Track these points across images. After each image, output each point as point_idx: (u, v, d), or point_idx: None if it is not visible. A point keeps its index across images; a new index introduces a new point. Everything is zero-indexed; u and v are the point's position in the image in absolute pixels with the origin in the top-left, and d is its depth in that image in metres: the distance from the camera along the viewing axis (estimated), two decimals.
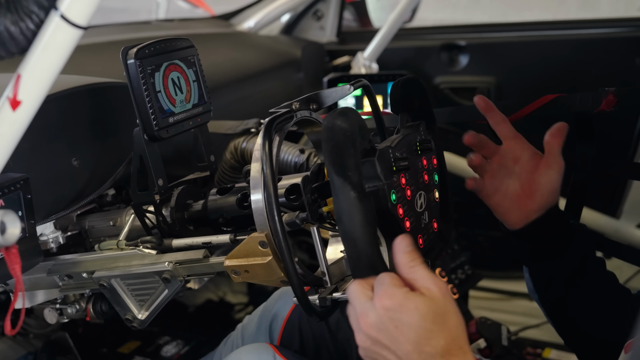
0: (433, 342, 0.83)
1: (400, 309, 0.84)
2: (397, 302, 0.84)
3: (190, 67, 1.27)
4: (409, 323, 0.83)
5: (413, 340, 0.83)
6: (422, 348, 0.83)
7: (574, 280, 1.28)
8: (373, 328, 0.86)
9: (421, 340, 0.83)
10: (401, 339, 0.84)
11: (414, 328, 0.83)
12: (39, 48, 0.78)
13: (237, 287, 2.67)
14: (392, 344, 0.84)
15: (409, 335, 0.83)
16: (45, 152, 1.22)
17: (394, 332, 0.84)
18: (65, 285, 1.27)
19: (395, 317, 0.84)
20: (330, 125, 0.93)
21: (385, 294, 0.85)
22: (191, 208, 1.26)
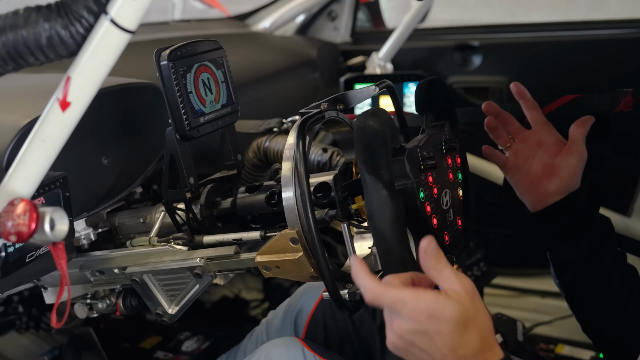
0: (466, 345, 0.86)
1: (436, 318, 0.86)
2: (434, 311, 0.86)
3: (219, 68, 1.30)
4: (443, 331, 0.86)
5: (448, 345, 0.86)
6: (457, 351, 0.86)
7: (590, 266, 1.32)
8: (408, 333, 0.88)
9: (455, 345, 0.86)
10: (436, 344, 0.86)
11: (448, 335, 0.86)
12: (89, 51, 0.81)
13: (251, 284, 2.70)
14: (428, 347, 0.87)
15: (443, 340, 0.86)
16: (78, 151, 1.25)
17: (429, 342, 0.87)
18: (97, 280, 1.30)
19: (431, 327, 0.86)
20: (362, 125, 0.97)
21: (419, 303, 0.87)
22: (220, 205, 1.29)
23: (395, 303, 0.88)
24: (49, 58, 0.85)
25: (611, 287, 1.32)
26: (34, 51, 0.83)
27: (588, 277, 1.32)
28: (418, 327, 0.87)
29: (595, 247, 1.32)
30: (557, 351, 2.21)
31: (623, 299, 1.31)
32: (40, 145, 0.87)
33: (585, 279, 1.33)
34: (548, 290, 2.50)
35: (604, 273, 1.32)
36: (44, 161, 0.88)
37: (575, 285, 1.35)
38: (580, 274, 1.34)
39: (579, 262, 1.33)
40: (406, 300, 0.87)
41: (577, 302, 1.37)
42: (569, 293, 1.37)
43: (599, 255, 1.32)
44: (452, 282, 0.88)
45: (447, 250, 1.15)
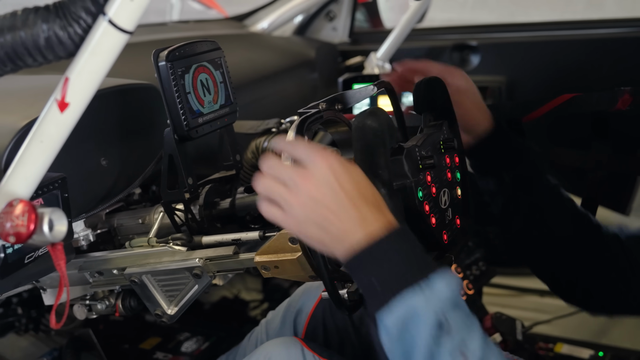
0: (368, 192, 0.93)
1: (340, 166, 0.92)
2: (337, 159, 0.92)
3: (217, 69, 1.30)
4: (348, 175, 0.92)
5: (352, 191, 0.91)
6: (359, 197, 0.91)
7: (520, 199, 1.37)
8: (311, 183, 0.92)
9: (358, 189, 0.92)
10: (341, 190, 0.91)
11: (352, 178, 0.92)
12: (87, 52, 0.82)
13: (251, 285, 2.70)
14: (332, 197, 0.91)
15: (348, 185, 0.91)
16: (76, 152, 1.25)
17: (334, 184, 0.91)
18: (96, 281, 1.30)
19: (335, 171, 0.91)
20: (361, 125, 0.97)
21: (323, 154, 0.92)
22: (219, 206, 1.29)
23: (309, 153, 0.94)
24: (47, 59, 0.85)
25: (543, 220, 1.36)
26: (32, 52, 0.83)
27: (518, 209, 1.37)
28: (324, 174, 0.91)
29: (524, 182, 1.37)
30: (557, 350, 2.21)
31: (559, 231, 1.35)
32: (38, 146, 0.87)
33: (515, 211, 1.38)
34: (547, 289, 2.49)
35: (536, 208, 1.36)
36: (43, 162, 0.89)
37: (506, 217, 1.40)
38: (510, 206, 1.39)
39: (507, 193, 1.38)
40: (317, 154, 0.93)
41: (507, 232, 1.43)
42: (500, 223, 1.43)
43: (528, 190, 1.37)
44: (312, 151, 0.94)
45: (446, 250, 1.15)
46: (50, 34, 0.82)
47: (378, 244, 0.90)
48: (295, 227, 0.95)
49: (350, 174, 0.92)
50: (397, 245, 0.91)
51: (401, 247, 0.92)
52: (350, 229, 0.91)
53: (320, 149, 0.93)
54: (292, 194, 0.93)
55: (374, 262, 0.90)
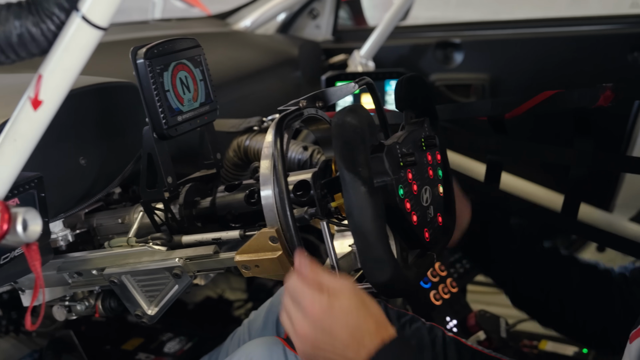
0: (362, 330, 0.95)
1: (330, 315, 0.95)
2: (324, 309, 0.95)
3: (197, 67, 1.29)
4: (340, 323, 0.95)
5: (349, 335, 0.95)
6: (355, 338, 0.95)
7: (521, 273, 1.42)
8: (311, 335, 0.97)
9: (354, 332, 0.95)
10: (338, 337, 0.95)
11: (345, 325, 0.95)
12: (60, 49, 0.80)
13: (235, 285, 2.69)
14: (331, 344, 0.96)
15: (343, 332, 0.95)
16: (54, 151, 1.23)
17: (329, 336, 0.95)
18: (75, 282, 1.29)
19: (327, 323, 0.95)
20: (340, 122, 0.96)
21: (314, 303, 0.96)
22: (199, 205, 1.28)
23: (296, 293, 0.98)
24: (20, 56, 0.84)
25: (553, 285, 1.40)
26: (4, 49, 0.82)
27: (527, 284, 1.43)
28: (318, 324, 0.95)
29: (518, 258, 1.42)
30: (541, 347, 2.21)
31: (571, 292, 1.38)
32: (12, 146, 0.86)
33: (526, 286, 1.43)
34: None
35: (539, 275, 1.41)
36: (17, 161, 0.87)
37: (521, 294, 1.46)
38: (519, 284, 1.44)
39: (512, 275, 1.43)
40: (304, 296, 0.97)
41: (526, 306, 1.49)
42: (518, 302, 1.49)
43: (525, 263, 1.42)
44: (334, 282, 0.98)
45: (428, 247, 1.15)
46: (22, 30, 0.81)
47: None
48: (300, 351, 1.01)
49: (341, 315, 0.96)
50: None
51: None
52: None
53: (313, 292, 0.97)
54: (295, 338, 1.00)
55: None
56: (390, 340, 0.96)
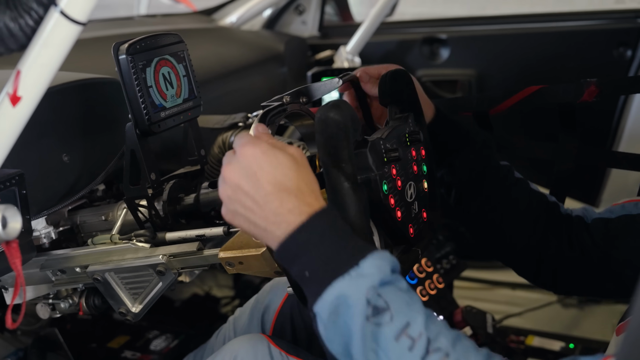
0: (289, 183, 0.89)
1: (263, 155, 0.90)
2: (256, 152, 0.90)
3: (180, 62, 1.28)
4: (266, 169, 0.89)
5: (271, 182, 0.89)
6: (279, 188, 0.89)
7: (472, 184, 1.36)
8: (236, 173, 0.91)
9: (278, 181, 0.89)
10: (262, 180, 0.89)
11: (271, 172, 0.89)
12: (39, 44, 0.79)
13: (222, 282, 2.68)
14: (253, 187, 0.90)
15: (266, 177, 0.89)
16: (36, 148, 1.23)
17: (256, 174, 0.90)
18: (58, 280, 1.28)
19: (254, 164, 0.90)
20: (323, 117, 0.95)
21: (250, 142, 0.92)
22: (183, 201, 1.27)
23: (229, 152, 0.94)
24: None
25: (497, 200, 1.35)
26: None
27: (471, 196, 1.36)
28: (243, 162, 0.91)
29: (471, 166, 1.35)
30: (528, 342, 2.22)
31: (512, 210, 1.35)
32: None
33: (470, 198, 1.36)
34: (518, 282, 2.50)
35: (487, 191, 1.35)
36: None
37: (462, 204, 1.38)
38: (464, 194, 1.37)
39: (458, 183, 1.37)
40: (243, 138, 0.93)
41: (466, 219, 1.41)
42: (459, 212, 1.41)
43: (477, 173, 1.35)
44: (281, 142, 0.94)
45: (412, 243, 1.14)
46: (0, 25, 0.79)
47: (301, 234, 0.88)
48: (228, 218, 0.95)
49: (274, 163, 0.90)
50: (323, 233, 0.88)
51: (327, 235, 0.88)
52: (273, 220, 0.90)
53: (252, 140, 0.93)
54: (222, 184, 0.94)
55: (301, 254, 0.88)
56: (321, 209, 0.89)
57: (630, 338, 0.61)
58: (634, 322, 0.62)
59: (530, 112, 1.83)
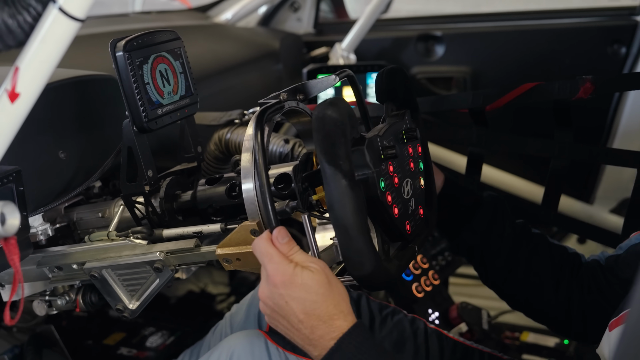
0: (317, 311, 0.97)
1: (288, 286, 0.97)
2: (285, 279, 0.97)
3: (177, 59, 1.28)
4: (297, 297, 0.97)
5: (302, 311, 0.97)
6: (310, 317, 0.97)
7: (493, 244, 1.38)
8: (269, 301, 1.00)
9: (308, 310, 0.97)
10: (293, 310, 0.97)
11: (301, 301, 0.97)
12: (37, 41, 0.80)
13: (218, 278, 2.68)
14: (286, 315, 0.99)
15: (298, 307, 0.97)
16: (33, 145, 1.22)
17: (286, 306, 0.98)
18: (55, 276, 1.28)
19: (285, 293, 0.97)
20: (321, 115, 0.96)
21: (278, 271, 0.98)
22: (180, 198, 1.27)
23: (263, 257, 1.00)
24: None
25: (520, 258, 1.36)
26: None
27: (495, 254, 1.38)
28: (275, 292, 0.98)
29: (489, 225, 1.38)
30: (522, 339, 2.22)
31: (536, 266, 1.35)
32: None
33: (494, 257, 1.38)
34: None
35: (509, 248, 1.37)
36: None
37: (487, 266, 1.40)
38: (486, 254, 1.39)
39: (480, 243, 1.38)
40: (272, 260, 0.99)
41: (493, 280, 1.42)
42: (484, 275, 1.43)
43: (497, 231, 1.37)
44: (305, 261, 0.99)
45: (409, 240, 1.15)
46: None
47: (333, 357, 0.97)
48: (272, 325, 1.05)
49: (302, 291, 0.97)
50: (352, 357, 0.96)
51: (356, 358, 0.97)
52: (308, 342, 0.99)
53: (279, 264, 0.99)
54: (260, 303, 1.03)
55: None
56: (349, 330, 0.97)
57: (630, 332, 0.62)
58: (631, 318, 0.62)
59: (525, 108, 1.83)
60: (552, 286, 1.34)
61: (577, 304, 1.33)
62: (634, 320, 0.62)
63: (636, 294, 0.62)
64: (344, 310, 0.98)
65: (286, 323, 1.00)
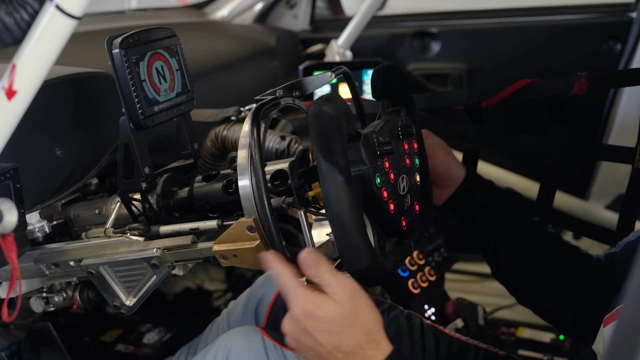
0: (345, 342, 0.93)
1: (311, 317, 0.94)
2: (308, 310, 0.94)
3: (173, 56, 1.28)
4: (321, 329, 0.94)
5: (328, 344, 0.94)
6: (338, 349, 0.94)
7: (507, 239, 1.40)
8: (294, 333, 0.97)
9: (335, 343, 0.94)
10: (319, 342, 0.94)
11: (326, 333, 0.94)
12: (34, 38, 0.80)
13: (214, 275, 2.69)
14: (313, 345, 0.95)
15: (323, 339, 0.94)
16: (29, 142, 1.22)
17: (311, 338, 0.94)
18: (52, 273, 1.28)
19: (309, 324, 0.94)
20: (317, 111, 0.96)
21: (298, 303, 0.95)
22: (177, 195, 1.27)
23: (283, 287, 0.97)
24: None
25: (533, 256, 1.38)
26: None
27: (508, 251, 1.40)
28: (298, 325, 0.95)
29: (505, 221, 1.39)
30: (518, 334, 2.23)
31: (548, 265, 1.37)
32: None
33: (507, 253, 1.40)
34: None
35: (523, 246, 1.39)
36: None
37: (499, 261, 1.43)
38: (499, 250, 1.41)
39: (495, 239, 1.40)
40: (292, 290, 0.96)
41: (504, 276, 1.45)
42: (495, 269, 1.46)
43: (513, 228, 1.39)
44: (332, 287, 0.95)
45: (405, 236, 1.15)
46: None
47: None
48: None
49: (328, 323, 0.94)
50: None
51: None
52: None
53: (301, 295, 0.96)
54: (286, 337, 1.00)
55: None
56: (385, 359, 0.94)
57: (623, 325, 0.62)
58: (624, 313, 0.63)
59: (520, 105, 1.83)
60: (562, 286, 1.36)
61: (583, 304, 1.34)
62: (627, 315, 0.62)
63: (629, 290, 0.63)
64: (375, 339, 0.96)
65: (315, 354, 0.96)
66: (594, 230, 1.57)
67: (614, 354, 0.63)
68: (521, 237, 1.38)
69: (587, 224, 1.60)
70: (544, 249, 1.38)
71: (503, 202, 1.40)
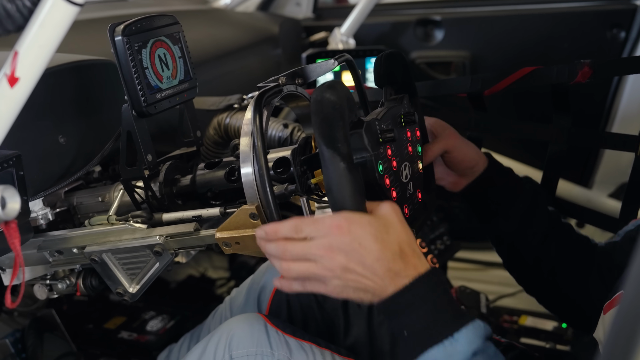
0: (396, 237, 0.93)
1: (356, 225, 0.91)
2: (350, 220, 0.91)
3: (175, 44, 1.28)
4: (366, 234, 0.91)
5: (373, 255, 0.91)
6: (384, 252, 0.91)
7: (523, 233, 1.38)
8: (341, 253, 0.91)
9: (379, 254, 0.91)
10: (366, 250, 0.91)
11: (370, 238, 0.91)
12: (36, 25, 0.80)
13: (217, 263, 2.69)
14: (360, 260, 0.91)
15: (371, 244, 0.91)
16: (33, 129, 1.23)
17: (359, 249, 0.91)
18: (56, 261, 1.29)
19: (354, 234, 0.91)
20: (319, 98, 0.96)
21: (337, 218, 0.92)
22: (179, 183, 1.28)
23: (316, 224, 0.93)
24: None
25: (546, 249, 1.37)
26: None
27: (523, 244, 1.39)
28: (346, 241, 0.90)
29: (523, 216, 1.38)
30: (521, 322, 2.23)
31: (560, 258, 1.37)
32: None
33: (521, 246, 1.39)
34: None
35: (538, 240, 1.38)
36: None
37: (512, 253, 1.42)
38: (515, 243, 1.40)
39: (512, 232, 1.39)
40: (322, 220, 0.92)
41: (515, 267, 1.44)
42: (507, 260, 1.45)
43: (530, 223, 1.38)
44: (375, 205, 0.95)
45: (408, 223, 1.15)
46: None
47: (405, 296, 0.92)
48: (338, 295, 0.96)
49: (368, 231, 0.91)
50: (425, 297, 0.93)
51: (429, 299, 0.93)
52: (382, 286, 0.92)
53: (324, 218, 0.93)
54: (324, 269, 0.93)
55: (402, 313, 0.92)
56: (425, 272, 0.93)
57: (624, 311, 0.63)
58: (625, 299, 0.63)
59: (524, 93, 1.83)
60: (571, 278, 1.36)
61: (588, 293, 1.34)
62: (627, 301, 0.62)
63: (630, 276, 0.63)
64: (416, 250, 0.95)
65: (361, 269, 0.91)
66: (597, 218, 1.57)
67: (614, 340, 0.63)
68: (537, 232, 1.37)
69: (591, 211, 1.60)
70: (557, 243, 1.37)
71: (522, 195, 1.38)
